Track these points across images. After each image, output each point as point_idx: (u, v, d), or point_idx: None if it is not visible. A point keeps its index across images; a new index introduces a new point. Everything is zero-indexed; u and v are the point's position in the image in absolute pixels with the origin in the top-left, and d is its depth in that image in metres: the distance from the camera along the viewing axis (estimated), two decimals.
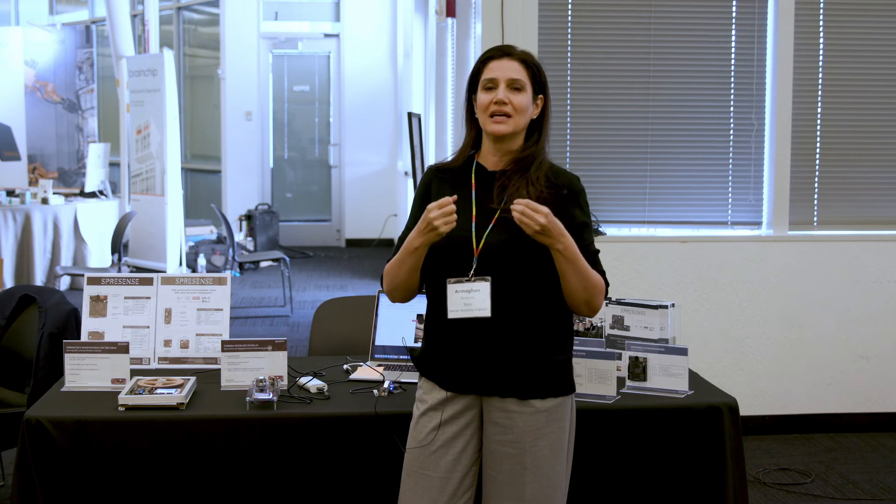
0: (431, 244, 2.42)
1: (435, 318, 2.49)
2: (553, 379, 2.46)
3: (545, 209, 2.33)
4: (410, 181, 8.02)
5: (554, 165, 2.53)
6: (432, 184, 2.56)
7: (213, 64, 11.95)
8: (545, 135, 2.52)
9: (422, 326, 3.15)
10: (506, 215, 2.40)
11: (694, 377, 3.11)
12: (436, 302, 2.48)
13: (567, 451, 2.51)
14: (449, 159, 2.59)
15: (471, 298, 2.39)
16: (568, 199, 2.48)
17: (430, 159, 7.66)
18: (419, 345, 2.57)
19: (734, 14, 4.93)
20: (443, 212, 2.35)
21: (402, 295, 2.53)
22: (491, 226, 2.43)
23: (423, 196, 2.56)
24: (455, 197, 2.39)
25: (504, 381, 2.42)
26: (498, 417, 2.44)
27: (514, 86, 2.44)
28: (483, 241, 2.42)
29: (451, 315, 2.40)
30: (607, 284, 2.50)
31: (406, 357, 3.24)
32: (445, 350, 2.47)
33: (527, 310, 2.42)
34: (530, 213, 2.32)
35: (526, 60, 2.48)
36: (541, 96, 2.50)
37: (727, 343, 4.92)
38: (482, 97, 2.46)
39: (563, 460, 2.49)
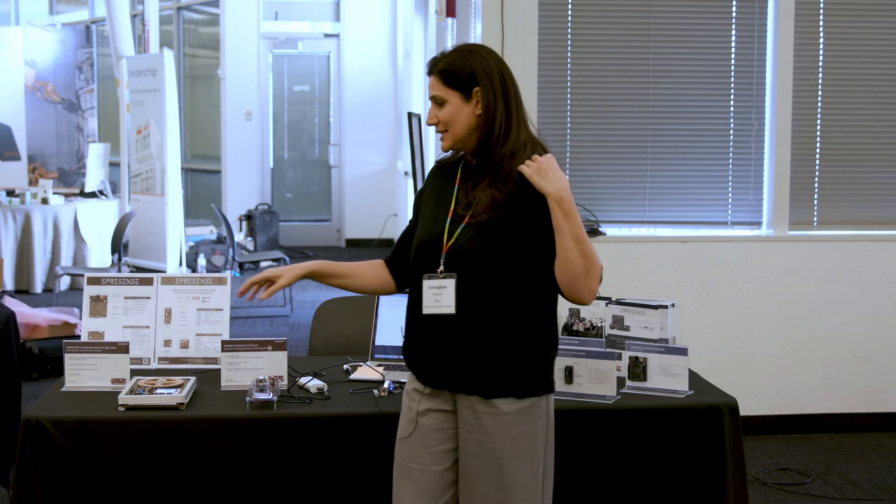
0: (416, 241, 2.50)
1: (413, 312, 2.50)
2: (520, 379, 2.40)
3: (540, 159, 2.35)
4: (410, 181, 8.02)
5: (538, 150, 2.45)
6: (431, 180, 2.60)
7: (213, 64, 11.95)
8: (497, 123, 2.39)
9: None
10: (474, 220, 2.39)
11: (694, 377, 3.11)
12: (414, 296, 2.49)
13: (542, 454, 2.45)
14: (449, 155, 2.60)
15: (440, 295, 2.40)
16: (536, 198, 2.38)
17: (430, 159, 7.66)
18: None
19: (734, 14, 4.93)
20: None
21: (366, 293, 2.77)
22: (464, 223, 2.41)
23: (422, 190, 2.61)
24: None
25: (468, 378, 2.41)
26: (467, 416, 2.43)
27: (436, 101, 2.45)
28: (454, 237, 2.42)
29: (425, 310, 2.42)
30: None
31: None
32: (421, 344, 2.48)
33: (493, 309, 2.39)
34: (529, 168, 2.34)
35: (443, 70, 2.43)
36: (476, 89, 2.41)
37: (727, 343, 4.92)
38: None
39: (536, 464, 2.43)
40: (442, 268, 2.41)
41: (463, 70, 2.42)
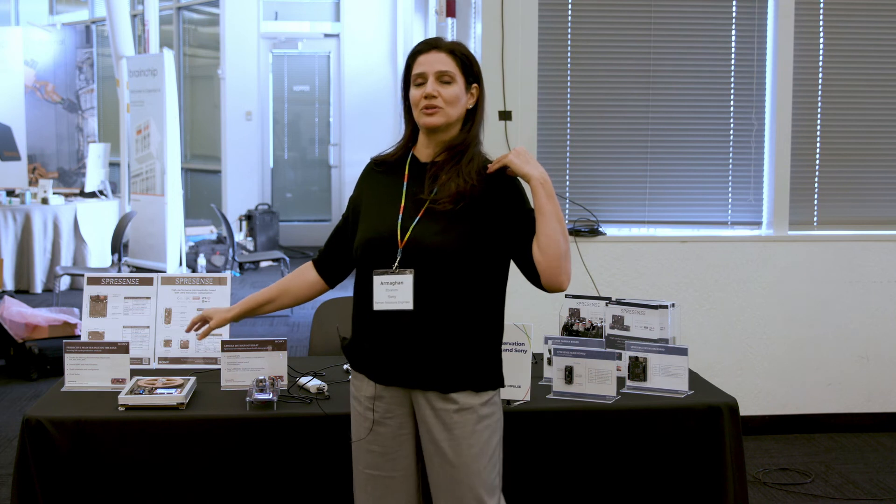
0: (360, 239, 2.48)
1: (362, 310, 2.48)
2: (477, 373, 2.42)
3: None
4: None
5: (489, 160, 2.50)
6: (367, 178, 2.59)
7: (213, 64, 11.95)
8: (478, 122, 2.50)
9: None
10: (434, 206, 2.40)
11: (694, 377, 3.11)
12: (363, 293, 2.47)
13: (499, 450, 2.47)
14: (387, 152, 2.59)
15: (395, 290, 2.39)
16: (505, 191, 2.44)
17: None
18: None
19: (734, 14, 4.93)
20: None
21: (296, 304, 2.78)
22: (418, 217, 2.42)
23: (360, 186, 2.60)
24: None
25: (426, 373, 2.40)
26: (426, 416, 2.42)
27: (442, 78, 2.43)
28: (409, 232, 2.41)
29: (376, 307, 2.40)
30: None
31: None
32: (372, 342, 2.46)
33: (451, 303, 2.39)
34: (510, 156, 2.41)
35: (454, 51, 2.46)
36: (475, 85, 2.48)
37: (727, 343, 4.92)
38: (413, 93, 2.46)
39: (493, 460, 2.44)
40: (397, 263, 2.40)
41: (472, 63, 2.48)
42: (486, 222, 2.40)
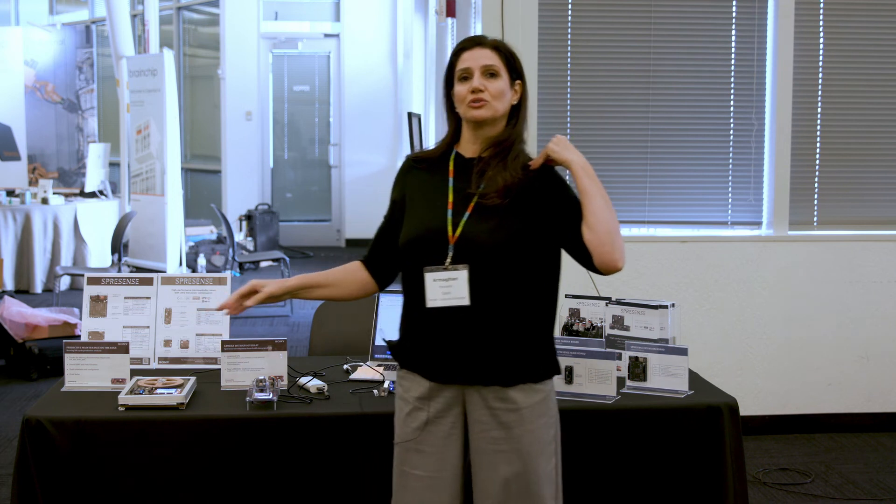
0: (407, 236, 2.48)
1: (413, 308, 2.47)
2: (535, 364, 2.43)
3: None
4: None
5: (531, 157, 2.52)
6: (409, 175, 2.58)
7: (213, 64, 11.95)
8: (523, 119, 2.51)
9: None
10: (483, 201, 2.41)
11: (694, 377, 3.11)
12: (413, 291, 2.46)
13: (555, 446, 2.48)
14: (428, 149, 2.60)
15: (449, 287, 2.38)
16: (549, 182, 2.46)
17: None
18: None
19: (734, 14, 4.93)
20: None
21: (346, 299, 2.71)
22: (468, 213, 2.42)
23: (401, 184, 2.59)
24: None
25: (485, 369, 2.40)
26: (482, 415, 2.42)
27: (488, 72, 2.44)
28: (460, 228, 2.41)
29: (430, 304, 2.39)
30: None
31: None
32: (426, 340, 2.45)
33: (505, 296, 2.39)
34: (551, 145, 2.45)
35: (499, 47, 2.48)
36: (518, 82, 2.50)
37: (727, 343, 4.92)
38: (459, 88, 2.46)
39: (551, 456, 2.46)
40: (449, 259, 2.40)
41: (516, 60, 2.50)
42: (535, 214, 2.42)
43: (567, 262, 2.50)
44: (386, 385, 2.94)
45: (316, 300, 2.66)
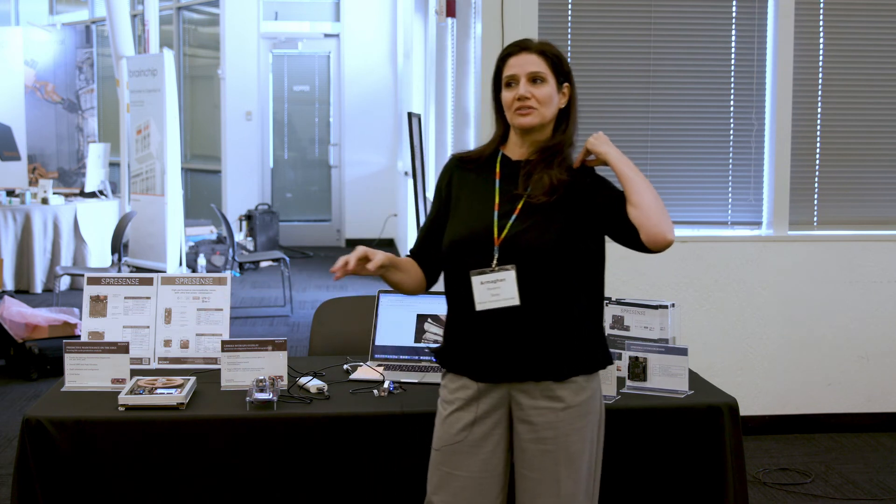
0: (451, 238, 2.47)
1: (460, 311, 2.47)
2: (587, 356, 2.45)
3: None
4: (410, 181, 8.02)
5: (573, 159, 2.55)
6: (454, 173, 2.58)
7: (213, 64, 11.95)
8: (573, 122, 2.53)
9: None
10: (530, 200, 2.42)
11: (694, 377, 3.11)
12: (458, 295, 2.46)
13: (598, 443, 2.50)
14: (473, 150, 2.61)
15: (497, 288, 2.38)
16: (594, 184, 2.50)
17: (431, 159, 7.65)
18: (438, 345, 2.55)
19: (734, 14, 4.93)
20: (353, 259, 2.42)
21: (409, 291, 2.61)
22: (515, 215, 2.43)
23: (447, 185, 2.58)
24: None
25: (539, 364, 2.40)
26: (528, 415, 2.42)
27: (534, 78, 2.45)
28: (506, 230, 2.42)
29: (479, 307, 2.39)
30: None
31: (406, 357, 3.25)
32: (475, 342, 2.45)
33: (553, 294, 2.41)
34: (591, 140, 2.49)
35: (545, 51, 2.48)
36: (566, 84, 2.51)
37: (727, 343, 4.92)
38: (505, 95, 2.48)
39: (595, 453, 2.48)
40: (496, 262, 2.40)
41: (563, 62, 2.50)
42: (578, 210, 2.44)
43: None
44: (386, 385, 2.94)
45: (392, 285, 2.57)
